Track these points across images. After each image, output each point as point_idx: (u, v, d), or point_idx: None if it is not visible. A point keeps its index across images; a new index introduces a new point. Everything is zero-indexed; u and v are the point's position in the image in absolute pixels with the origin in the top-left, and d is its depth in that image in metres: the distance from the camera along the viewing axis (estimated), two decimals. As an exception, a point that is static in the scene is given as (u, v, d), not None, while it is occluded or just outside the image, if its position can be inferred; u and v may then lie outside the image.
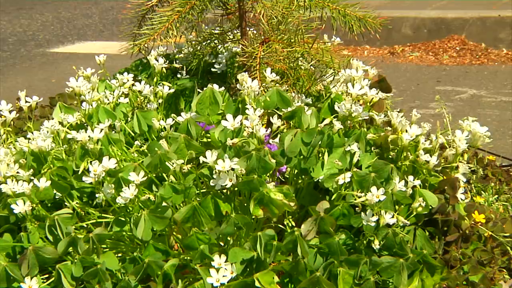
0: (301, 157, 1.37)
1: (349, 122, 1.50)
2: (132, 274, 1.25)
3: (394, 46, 4.52)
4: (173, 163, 1.30)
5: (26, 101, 1.73)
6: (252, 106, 1.44)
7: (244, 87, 1.53)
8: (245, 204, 1.31)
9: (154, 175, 1.39)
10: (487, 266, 1.31)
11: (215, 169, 1.27)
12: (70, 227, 1.33)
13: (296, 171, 1.44)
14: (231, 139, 1.35)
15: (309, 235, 1.26)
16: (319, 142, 1.38)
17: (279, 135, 1.44)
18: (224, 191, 1.33)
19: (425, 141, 1.45)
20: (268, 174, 1.39)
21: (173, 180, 1.32)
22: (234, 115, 1.42)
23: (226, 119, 1.40)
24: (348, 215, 1.31)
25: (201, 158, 1.28)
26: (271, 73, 1.62)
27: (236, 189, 1.30)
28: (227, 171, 1.27)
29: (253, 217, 1.27)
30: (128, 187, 1.30)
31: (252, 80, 1.55)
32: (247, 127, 1.39)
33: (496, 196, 1.52)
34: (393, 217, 1.26)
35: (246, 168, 1.27)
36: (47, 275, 1.33)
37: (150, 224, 1.26)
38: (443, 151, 1.48)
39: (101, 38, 5.21)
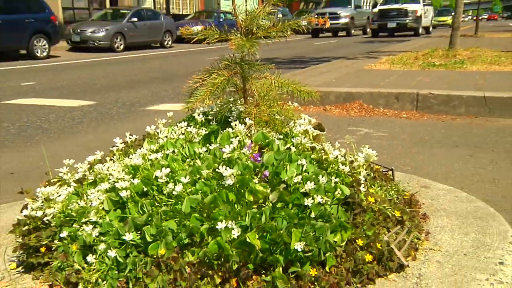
0: (274, 165, 1.33)
1: (301, 148, 1.45)
2: (183, 232, 1.20)
3: (326, 106, 4.65)
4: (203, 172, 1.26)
5: (129, 137, 1.75)
6: (238, 136, 1.47)
7: (236, 127, 1.52)
8: (242, 190, 1.25)
9: (197, 178, 1.33)
10: (376, 226, 1.25)
11: (223, 174, 1.23)
12: (150, 207, 1.29)
13: (273, 175, 1.37)
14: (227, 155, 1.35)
15: (274, 200, 1.23)
16: (284, 158, 1.34)
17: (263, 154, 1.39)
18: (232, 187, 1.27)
19: (342, 157, 1.40)
20: (258, 177, 1.33)
21: (203, 181, 1.27)
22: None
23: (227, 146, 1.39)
24: (301, 197, 1.25)
25: (217, 170, 1.24)
26: (259, 122, 1.61)
27: (237, 185, 1.24)
28: (230, 175, 1.22)
29: (247, 200, 1.22)
30: (181, 185, 1.26)
31: (247, 125, 1.54)
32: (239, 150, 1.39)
33: (380, 188, 1.46)
34: (321, 199, 1.22)
35: (239, 170, 1.26)
36: (139, 232, 1.27)
37: (189, 203, 1.23)
38: (352, 163, 1.42)
39: (173, 102, 5.27)
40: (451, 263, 1.17)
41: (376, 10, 21.30)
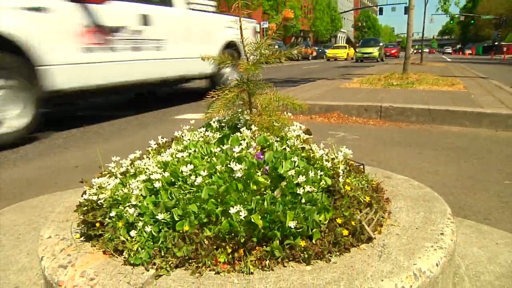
0: (273, 162, 1.27)
1: (294, 148, 1.41)
2: (202, 213, 1.16)
3: (312, 115, 4.55)
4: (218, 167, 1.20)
5: (161, 140, 1.68)
6: (245, 139, 1.38)
7: (243, 132, 1.46)
8: (248, 181, 1.19)
9: (213, 171, 1.28)
10: (351, 208, 1.20)
11: (234, 168, 1.18)
12: (177, 194, 1.24)
13: (272, 170, 1.31)
14: (237, 154, 1.27)
15: (277, 195, 1.16)
16: (281, 156, 1.29)
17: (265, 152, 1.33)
18: (240, 178, 1.21)
19: (326, 155, 1.35)
20: (261, 171, 1.28)
21: (218, 174, 1.22)
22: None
23: (236, 147, 1.33)
24: (294, 187, 1.19)
25: (229, 166, 1.20)
26: (261, 128, 1.54)
27: (245, 177, 1.19)
28: (239, 169, 1.17)
29: (252, 189, 1.18)
30: (201, 177, 1.21)
31: (252, 131, 1.48)
32: (245, 149, 1.30)
33: (354, 178, 1.41)
34: (310, 188, 1.16)
35: (246, 165, 1.19)
36: (169, 213, 1.22)
37: (207, 191, 1.18)
38: (333, 160, 1.37)
39: (195, 112, 5.22)
40: (406, 235, 1.15)
41: None
